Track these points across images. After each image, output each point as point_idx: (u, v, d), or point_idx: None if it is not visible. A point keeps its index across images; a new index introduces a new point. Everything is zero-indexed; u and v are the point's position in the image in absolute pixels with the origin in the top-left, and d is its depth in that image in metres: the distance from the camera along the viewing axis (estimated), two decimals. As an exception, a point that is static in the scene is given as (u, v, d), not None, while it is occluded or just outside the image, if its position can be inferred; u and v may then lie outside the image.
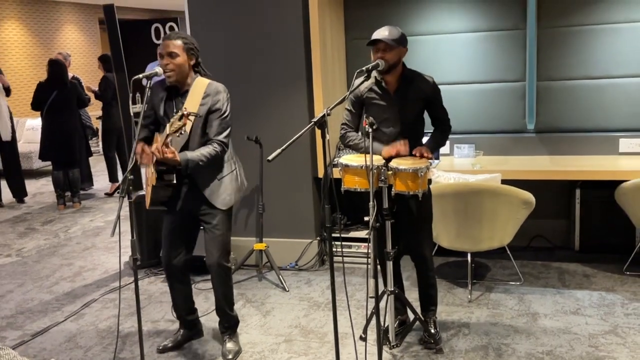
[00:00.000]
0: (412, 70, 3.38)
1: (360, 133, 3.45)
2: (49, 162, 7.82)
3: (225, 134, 3.26)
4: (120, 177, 7.93)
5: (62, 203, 7.40)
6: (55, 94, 7.16)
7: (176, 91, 3.30)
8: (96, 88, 7.80)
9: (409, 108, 3.34)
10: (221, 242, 3.36)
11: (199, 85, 3.27)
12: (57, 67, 7.21)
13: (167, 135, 3.03)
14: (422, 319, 3.55)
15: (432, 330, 3.50)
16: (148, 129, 3.40)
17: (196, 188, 3.33)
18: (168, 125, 3.02)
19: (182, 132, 3.00)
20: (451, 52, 5.01)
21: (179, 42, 3.22)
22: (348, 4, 5.16)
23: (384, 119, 3.34)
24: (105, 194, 7.98)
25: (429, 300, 3.59)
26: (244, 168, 3.54)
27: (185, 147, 3.22)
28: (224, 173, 3.36)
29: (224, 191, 3.35)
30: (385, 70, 3.23)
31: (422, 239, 3.46)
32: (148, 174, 3.37)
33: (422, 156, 3.24)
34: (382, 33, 3.22)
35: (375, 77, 3.32)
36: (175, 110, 3.26)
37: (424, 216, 3.43)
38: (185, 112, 2.94)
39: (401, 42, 3.25)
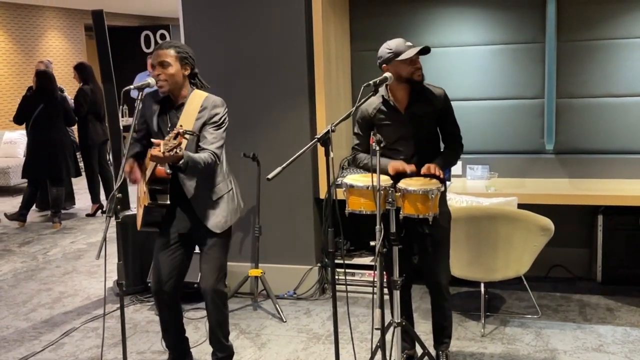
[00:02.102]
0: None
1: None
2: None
3: (217, 144, 3.28)
4: (102, 197, 7.96)
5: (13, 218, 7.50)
6: (42, 107, 7.22)
7: (170, 104, 3.34)
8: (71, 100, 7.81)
9: (423, 125, 3.37)
10: (217, 266, 3.38)
11: (196, 99, 3.30)
12: (46, 79, 7.28)
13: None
14: (432, 354, 3.53)
15: (443, 367, 3.50)
16: (141, 143, 3.44)
17: (191, 208, 3.35)
18: (162, 144, 3.03)
19: (178, 152, 3.02)
20: (464, 66, 5.05)
21: (171, 52, 3.26)
22: (354, 13, 5.22)
23: (397, 139, 3.36)
24: (87, 214, 7.99)
25: (442, 333, 3.60)
26: (239, 187, 3.56)
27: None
28: (219, 193, 3.38)
29: (220, 213, 3.37)
30: (421, 81, 3.29)
31: (437, 264, 3.46)
32: (140, 194, 3.39)
33: (431, 174, 3.24)
34: (410, 43, 3.27)
35: (382, 95, 3.35)
36: (169, 125, 3.29)
37: (439, 240, 3.44)
38: (180, 131, 2.94)
39: None
